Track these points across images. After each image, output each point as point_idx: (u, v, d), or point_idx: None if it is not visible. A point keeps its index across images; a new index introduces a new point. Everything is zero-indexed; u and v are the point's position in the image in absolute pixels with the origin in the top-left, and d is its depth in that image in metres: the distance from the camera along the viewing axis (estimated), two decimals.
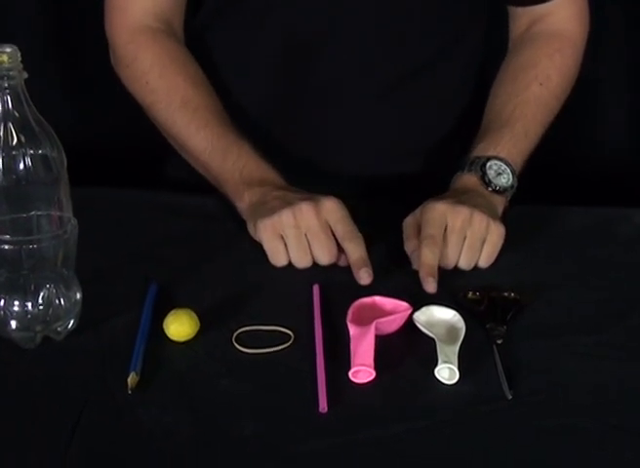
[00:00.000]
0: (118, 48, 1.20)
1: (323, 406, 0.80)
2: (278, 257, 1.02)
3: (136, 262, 1.02)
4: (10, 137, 0.82)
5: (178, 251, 1.05)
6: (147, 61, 1.17)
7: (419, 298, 0.94)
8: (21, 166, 0.82)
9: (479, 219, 1.01)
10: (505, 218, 1.07)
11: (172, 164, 1.27)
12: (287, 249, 1.01)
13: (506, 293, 0.97)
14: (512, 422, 0.80)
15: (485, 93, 1.22)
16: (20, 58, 0.81)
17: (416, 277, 0.98)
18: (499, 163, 1.09)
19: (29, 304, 0.87)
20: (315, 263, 1.02)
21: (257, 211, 1.04)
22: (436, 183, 1.10)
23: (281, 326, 0.91)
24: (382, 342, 0.87)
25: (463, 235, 1.01)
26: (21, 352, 0.88)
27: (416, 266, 1.00)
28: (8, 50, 0.81)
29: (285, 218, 1.01)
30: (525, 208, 1.13)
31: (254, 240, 1.04)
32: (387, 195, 1.19)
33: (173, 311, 0.90)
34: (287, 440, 0.78)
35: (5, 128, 0.81)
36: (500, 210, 1.08)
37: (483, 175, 1.08)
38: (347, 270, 1.00)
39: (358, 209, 1.04)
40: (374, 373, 0.84)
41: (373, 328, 0.87)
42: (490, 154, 1.10)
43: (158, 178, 1.32)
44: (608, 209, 1.17)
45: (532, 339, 0.91)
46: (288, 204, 1.02)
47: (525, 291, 0.98)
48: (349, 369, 0.84)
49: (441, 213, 1.01)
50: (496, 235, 1.02)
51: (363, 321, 0.89)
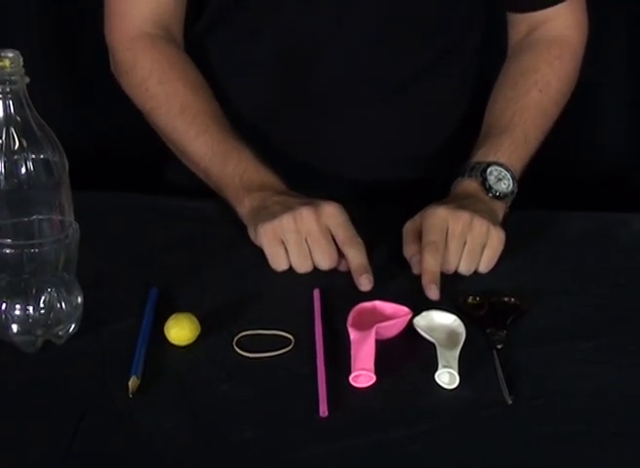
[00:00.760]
0: (117, 54, 1.20)
1: (323, 410, 0.80)
2: (279, 262, 1.02)
3: (136, 266, 1.02)
4: (12, 142, 0.82)
5: (178, 255, 1.05)
6: (147, 68, 1.17)
7: (419, 303, 0.94)
8: (23, 170, 0.82)
9: (479, 225, 1.01)
10: (505, 224, 1.07)
11: (172, 169, 1.27)
12: (287, 253, 1.02)
13: (506, 299, 0.97)
14: (512, 427, 0.80)
15: (484, 97, 1.22)
16: (22, 63, 0.82)
17: (416, 282, 0.98)
18: (499, 169, 1.09)
19: (31, 308, 0.87)
20: (316, 268, 1.02)
21: (257, 215, 1.04)
22: (436, 188, 1.10)
23: (282, 330, 0.91)
24: (383, 347, 0.87)
25: (464, 240, 1.01)
26: (22, 356, 0.88)
27: (415, 271, 1.00)
28: (10, 55, 0.81)
29: (285, 223, 1.01)
30: (525, 213, 1.13)
31: (254, 245, 1.04)
32: (388, 200, 1.19)
33: (173, 315, 0.90)
34: (287, 444, 0.78)
35: (7, 132, 0.82)
36: (501, 215, 1.08)
37: (484, 180, 1.08)
38: (348, 275, 1.00)
39: (358, 213, 1.04)
40: (374, 378, 0.84)
41: (373, 332, 0.87)
42: (490, 160, 1.10)
43: (158, 183, 1.32)
44: (607, 214, 1.17)
45: (532, 344, 0.91)
46: (288, 209, 1.02)
47: (525, 296, 0.98)
48: (350, 373, 0.84)
49: (442, 218, 1.01)
50: (496, 240, 1.02)
51: (363, 325, 0.89)
